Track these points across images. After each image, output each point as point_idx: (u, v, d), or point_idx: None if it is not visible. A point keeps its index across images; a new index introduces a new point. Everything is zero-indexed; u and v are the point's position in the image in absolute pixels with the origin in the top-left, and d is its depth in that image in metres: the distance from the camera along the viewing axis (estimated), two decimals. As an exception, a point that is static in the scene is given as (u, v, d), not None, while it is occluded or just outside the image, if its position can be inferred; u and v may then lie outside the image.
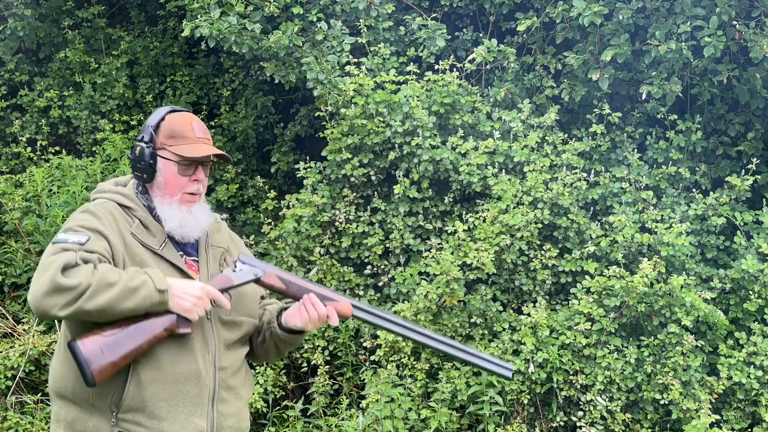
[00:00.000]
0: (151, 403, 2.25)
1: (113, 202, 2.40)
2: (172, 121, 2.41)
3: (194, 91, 7.06)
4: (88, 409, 2.27)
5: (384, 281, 5.17)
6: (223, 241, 2.54)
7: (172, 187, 2.39)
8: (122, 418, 2.25)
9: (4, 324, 5.35)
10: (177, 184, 2.39)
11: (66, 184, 5.87)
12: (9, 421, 4.67)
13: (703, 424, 4.31)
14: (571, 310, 4.68)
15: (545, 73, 5.74)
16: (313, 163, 5.53)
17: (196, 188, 2.41)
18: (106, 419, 2.25)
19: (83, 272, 2.13)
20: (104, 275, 2.14)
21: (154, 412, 2.26)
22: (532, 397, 4.59)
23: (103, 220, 2.31)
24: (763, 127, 5.50)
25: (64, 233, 2.24)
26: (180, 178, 2.39)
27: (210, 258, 2.47)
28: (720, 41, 4.97)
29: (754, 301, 4.70)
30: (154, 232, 2.38)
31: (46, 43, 7.33)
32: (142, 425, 2.25)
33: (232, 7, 5.63)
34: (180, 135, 2.39)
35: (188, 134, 2.40)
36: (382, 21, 5.87)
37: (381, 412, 4.45)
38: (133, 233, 2.35)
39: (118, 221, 2.34)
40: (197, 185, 2.41)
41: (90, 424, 2.26)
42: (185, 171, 2.39)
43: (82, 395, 2.28)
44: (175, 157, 2.38)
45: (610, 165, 5.42)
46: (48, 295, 2.11)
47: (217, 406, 2.37)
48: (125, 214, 2.38)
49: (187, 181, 2.40)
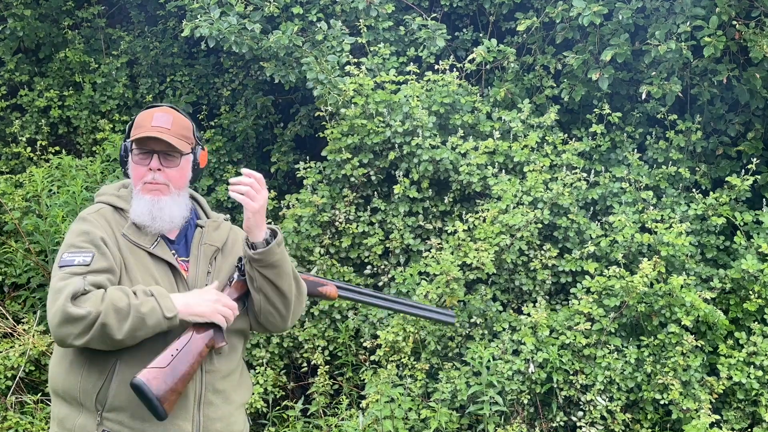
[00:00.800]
0: (134, 404, 2.25)
1: (108, 206, 2.43)
2: (141, 114, 2.45)
3: (194, 91, 7.06)
4: (76, 407, 2.29)
5: (384, 281, 5.17)
6: (217, 240, 2.52)
7: (135, 177, 2.42)
8: (107, 417, 2.26)
9: (4, 324, 5.35)
10: (137, 174, 2.42)
11: (66, 184, 5.87)
12: (9, 421, 4.68)
13: (703, 424, 4.31)
14: (571, 310, 4.68)
15: (545, 73, 5.74)
16: (313, 163, 5.53)
17: (152, 177, 2.40)
18: (92, 418, 2.26)
19: (92, 300, 2.17)
20: (113, 302, 2.17)
21: (136, 413, 2.26)
22: (532, 397, 4.59)
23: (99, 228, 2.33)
24: (763, 127, 5.49)
25: (69, 253, 2.27)
26: (138, 168, 2.41)
27: (201, 255, 2.47)
28: (720, 41, 4.97)
29: (754, 301, 4.70)
30: (145, 230, 2.40)
31: (46, 43, 7.33)
32: (125, 425, 2.26)
33: (232, 7, 5.63)
34: (139, 125, 2.42)
35: (145, 124, 2.41)
36: (382, 21, 5.87)
37: (381, 412, 4.45)
38: (125, 234, 2.37)
39: (111, 226, 2.37)
40: (152, 174, 2.40)
41: (78, 421, 2.28)
42: (141, 160, 2.41)
43: (71, 393, 2.30)
44: (130, 146, 2.43)
45: (610, 165, 5.42)
46: (61, 326, 2.17)
47: (204, 409, 2.35)
48: (118, 216, 2.41)
49: (144, 171, 2.41)
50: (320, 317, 5.11)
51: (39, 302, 5.55)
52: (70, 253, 2.27)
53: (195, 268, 2.44)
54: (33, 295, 5.60)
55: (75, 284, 2.19)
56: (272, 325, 2.48)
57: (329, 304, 5.07)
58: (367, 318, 5.04)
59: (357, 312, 5.11)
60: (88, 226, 2.33)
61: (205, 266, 2.45)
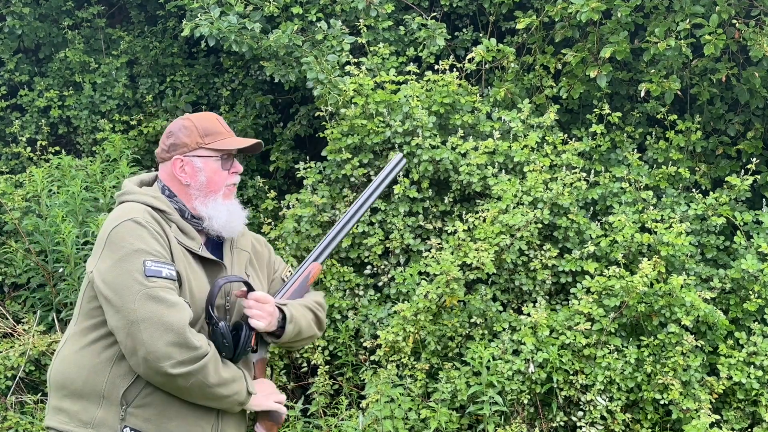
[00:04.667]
0: (163, 403, 2.27)
1: (149, 207, 2.37)
2: (200, 121, 2.47)
3: (194, 90, 7.06)
4: (96, 400, 2.27)
5: (384, 281, 5.17)
6: (247, 245, 2.57)
7: (215, 183, 2.44)
8: (132, 413, 2.26)
9: (4, 324, 5.35)
10: (220, 179, 2.44)
11: (66, 184, 5.87)
12: (9, 421, 4.68)
13: (703, 424, 4.31)
14: (571, 310, 4.68)
15: (545, 73, 5.74)
16: (312, 163, 5.53)
17: (236, 180, 2.49)
18: (114, 412, 2.26)
19: (202, 337, 2.24)
20: (217, 355, 2.26)
21: (164, 412, 2.28)
22: (532, 397, 4.59)
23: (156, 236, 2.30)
24: (762, 127, 5.50)
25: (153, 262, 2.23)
26: (222, 173, 2.45)
27: (235, 261, 2.49)
28: (720, 39, 4.97)
29: (754, 301, 4.70)
30: (191, 235, 2.40)
31: (46, 43, 7.33)
32: (150, 422, 2.27)
33: (232, 6, 5.63)
34: (214, 132, 2.45)
35: (220, 130, 2.47)
36: (382, 21, 5.87)
37: (381, 412, 4.45)
38: (177, 238, 2.37)
39: (163, 229, 2.34)
40: (236, 177, 2.49)
41: (97, 414, 2.27)
42: (225, 164, 2.45)
43: (94, 386, 2.28)
44: (216, 153, 2.44)
45: (610, 165, 5.42)
46: (172, 346, 2.16)
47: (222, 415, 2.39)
48: (162, 218, 2.38)
49: (227, 174, 2.47)
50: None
51: (39, 302, 5.55)
52: (155, 263, 2.23)
53: (232, 270, 2.47)
54: (33, 295, 5.60)
55: (188, 311, 2.23)
56: None
57: (329, 304, 5.07)
58: (367, 318, 5.04)
59: (357, 312, 5.11)
60: (146, 233, 2.29)
61: (242, 270, 2.50)
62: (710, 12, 5.07)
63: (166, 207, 2.39)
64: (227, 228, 2.45)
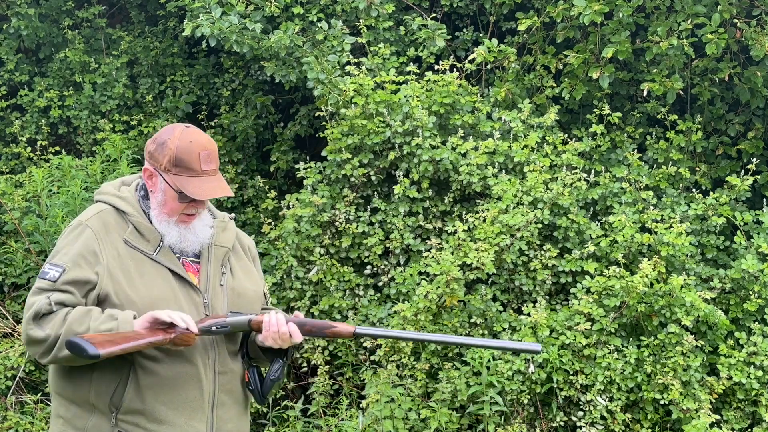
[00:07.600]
0: (150, 406, 2.27)
1: (110, 207, 2.40)
2: (181, 149, 2.35)
3: (194, 91, 7.06)
4: (87, 408, 2.29)
5: (384, 281, 5.17)
6: (227, 241, 2.52)
7: (170, 209, 2.38)
8: (122, 419, 2.26)
9: (4, 324, 5.35)
10: (176, 207, 2.38)
11: (66, 184, 5.87)
12: (9, 421, 4.68)
13: (703, 424, 4.31)
14: (571, 310, 4.68)
15: (546, 73, 5.74)
16: (313, 163, 5.52)
17: (194, 211, 2.41)
18: (106, 418, 2.27)
19: (53, 322, 2.22)
20: (72, 326, 2.19)
21: (153, 415, 2.27)
22: (532, 397, 4.59)
23: (92, 237, 2.31)
24: (763, 127, 5.49)
25: (50, 264, 2.30)
26: (179, 204, 2.38)
27: (212, 257, 2.46)
28: (722, 39, 4.97)
29: (754, 301, 4.70)
30: (148, 237, 2.37)
31: (46, 43, 7.33)
32: (141, 426, 2.27)
33: (233, 6, 5.63)
34: (187, 167, 2.34)
35: (194, 167, 2.35)
36: (382, 21, 5.87)
37: (381, 412, 4.45)
38: (126, 240, 2.35)
39: (111, 231, 2.34)
40: (194, 208, 2.41)
41: (90, 422, 2.28)
42: (183, 199, 2.37)
43: (82, 396, 2.30)
44: (177, 189, 2.35)
45: (610, 165, 5.42)
46: (27, 345, 2.29)
47: (217, 410, 2.37)
48: (120, 218, 2.38)
49: (185, 206, 2.39)
50: (320, 318, 5.10)
51: (39, 302, 5.54)
52: (51, 263, 2.30)
53: (206, 269, 2.43)
54: (33, 295, 5.59)
55: (39, 304, 2.23)
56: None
57: (329, 305, 5.07)
58: (367, 318, 5.03)
59: (357, 312, 5.11)
60: (79, 236, 2.33)
61: (218, 268, 2.46)
62: (712, 12, 5.08)
63: (130, 208, 2.39)
64: (179, 246, 2.40)
